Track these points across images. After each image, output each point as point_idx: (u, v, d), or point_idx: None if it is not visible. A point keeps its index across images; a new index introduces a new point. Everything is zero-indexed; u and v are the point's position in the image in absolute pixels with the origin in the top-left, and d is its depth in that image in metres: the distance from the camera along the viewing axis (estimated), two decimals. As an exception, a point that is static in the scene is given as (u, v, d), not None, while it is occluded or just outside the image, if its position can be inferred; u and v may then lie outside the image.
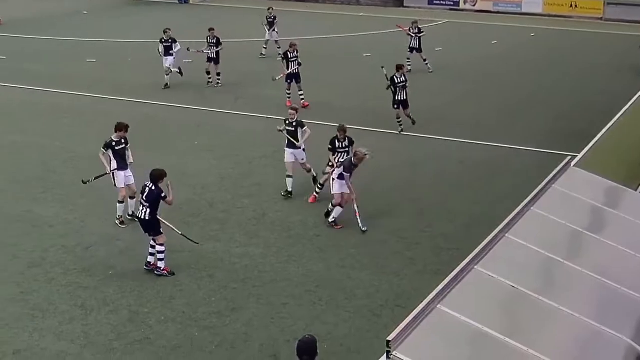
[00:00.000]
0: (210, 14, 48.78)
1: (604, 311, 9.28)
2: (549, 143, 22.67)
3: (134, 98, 27.88)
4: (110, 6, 52.18)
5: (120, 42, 38.82)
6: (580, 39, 41.23)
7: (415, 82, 30.51)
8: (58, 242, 16.38)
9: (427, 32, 42.62)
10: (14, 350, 12.50)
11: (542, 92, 29.43)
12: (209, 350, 12.64)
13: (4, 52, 35.19)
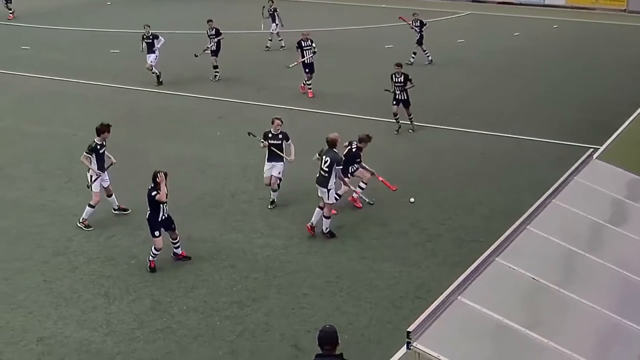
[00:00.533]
0: (229, 5, 48.77)
1: (624, 304, 9.24)
2: (571, 135, 22.53)
3: (157, 89, 27.96)
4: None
5: (142, 31, 38.87)
6: (604, 31, 40.90)
7: (438, 74, 30.61)
8: (81, 232, 16.47)
9: (449, 23, 42.83)
10: (38, 338, 12.60)
11: (564, 84, 29.23)
12: (230, 339, 12.68)
13: (29, 43, 35.35)
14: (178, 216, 17.05)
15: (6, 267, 15.00)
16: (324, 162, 15.98)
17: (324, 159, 16.02)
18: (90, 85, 28.40)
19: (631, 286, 9.63)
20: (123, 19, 42.88)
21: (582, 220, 11.00)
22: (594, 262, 10.02)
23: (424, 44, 32.43)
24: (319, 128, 21.28)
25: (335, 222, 17.01)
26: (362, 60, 32.91)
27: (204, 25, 31.54)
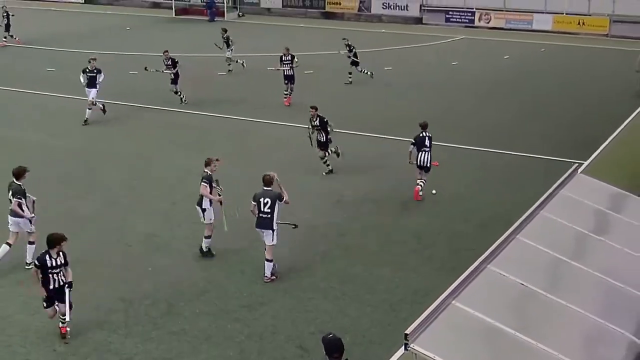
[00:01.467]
0: (242, 30, 48.90)
1: (608, 308, 9.23)
2: (557, 151, 22.55)
3: (172, 107, 27.99)
4: (151, 23, 52.51)
5: (161, 55, 39.02)
6: (588, 54, 41.04)
7: (434, 94, 30.63)
8: (101, 239, 16.45)
9: (444, 47, 42.98)
10: (60, 339, 12.57)
11: (551, 103, 29.32)
12: (239, 340, 12.65)
13: (54, 65, 35.48)
14: (192, 225, 17.12)
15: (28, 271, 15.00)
16: (264, 204, 14.46)
17: (263, 202, 14.47)
18: (110, 104, 28.40)
19: (614, 292, 9.62)
20: (141, 42, 43.11)
21: (568, 231, 11.01)
22: (579, 269, 10.02)
23: (360, 64, 32.91)
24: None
25: (339, 230, 17.03)
26: (364, 81, 32.95)
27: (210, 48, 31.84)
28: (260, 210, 14.51)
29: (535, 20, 49.51)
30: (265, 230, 14.58)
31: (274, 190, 14.68)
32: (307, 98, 29.33)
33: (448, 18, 51.62)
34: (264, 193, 14.58)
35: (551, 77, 34.50)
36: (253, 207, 14.66)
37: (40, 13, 57.00)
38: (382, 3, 54.72)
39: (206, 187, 15.53)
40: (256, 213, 14.60)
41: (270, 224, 14.51)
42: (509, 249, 9.82)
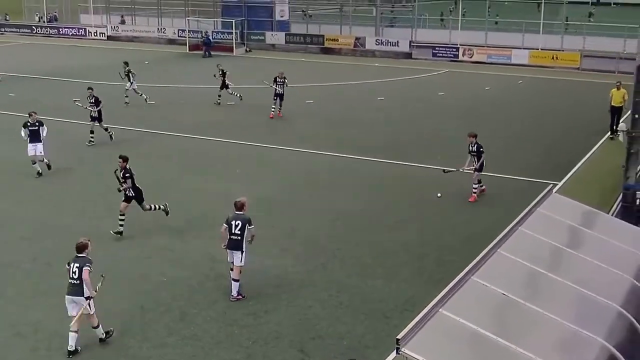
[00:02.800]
0: (250, 63, 49.23)
1: (581, 316, 9.21)
2: (534, 173, 22.61)
3: (186, 133, 28.04)
4: (167, 58, 52.78)
5: (176, 87, 39.22)
6: (561, 85, 41.17)
7: (422, 121, 30.71)
8: (122, 254, 16.47)
9: (431, 79, 43.12)
10: (83, 345, 12.52)
11: (528, 129, 29.41)
12: (246, 345, 12.62)
13: (79, 96, 35.47)
14: (205, 240, 17.13)
15: (54, 282, 14.98)
16: (235, 226, 14.12)
17: (234, 224, 14.14)
18: (128, 131, 28.51)
19: (586, 301, 9.61)
20: (158, 75, 43.23)
21: (544, 245, 11.00)
22: (554, 280, 10.01)
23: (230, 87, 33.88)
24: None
25: (335, 244, 17.03)
26: (359, 109, 33.08)
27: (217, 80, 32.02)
28: (231, 232, 14.15)
29: (514, 55, 49.77)
30: (235, 251, 14.21)
31: (246, 215, 14.31)
32: (308, 125, 29.52)
33: (435, 53, 51.84)
34: (235, 216, 14.25)
35: (528, 106, 34.59)
36: (224, 229, 14.26)
37: (66, 48, 57.27)
38: (376, 40, 55.11)
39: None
40: (227, 235, 14.26)
41: (240, 245, 14.17)
42: (491, 262, 9.80)
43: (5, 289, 14.67)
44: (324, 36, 56.88)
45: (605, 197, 19.40)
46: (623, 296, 10.02)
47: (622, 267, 10.86)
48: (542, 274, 10.10)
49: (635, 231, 13.38)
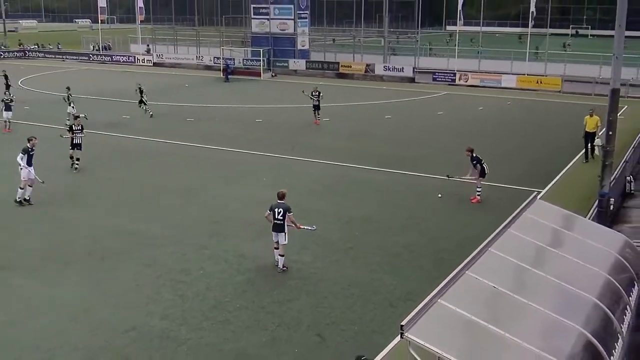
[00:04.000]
0: (275, 86, 49.43)
1: (562, 306, 9.20)
2: (522, 182, 22.51)
3: (219, 146, 28.14)
4: (204, 82, 53.02)
5: (211, 106, 39.42)
6: (544, 106, 41.02)
7: (423, 137, 30.69)
8: (162, 250, 16.53)
9: (431, 100, 43.04)
10: (130, 327, 12.63)
11: (516, 145, 29.31)
12: (271, 329, 12.66)
13: (129, 114, 35.83)
14: (235, 239, 17.19)
15: (107, 275, 15.10)
16: (277, 212, 14.88)
17: (277, 211, 14.89)
18: (167, 144, 28.68)
19: (566, 293, 9.59)
20: (195, 96, 43.48)
21: (529, 245, 10.98)
22: (538, 275, 9.99)
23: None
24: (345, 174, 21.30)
25: (349, 244, 17.03)
26: (369, 125, 33.11)
27: (255, 101, 31.89)
28: (274, 217, 14.96)
29: (503, 79, 49.66)
30: (279, 233, 15.02)
31: (286, 203, 15.08)
32: (325, 140, 29.58)
33: (435, 77, 51.79)
34: (277, 205, 15.05)
35: (516, 124, 34.51)
36: (268, 214, 15.09)
37: (118, 73, 57.69)
38: (384, 66, 55.18)
39: None
40: (271, 220, 15.03)
41: (282, 227, 14.97)
42: (483, 259, 9.80)
43: (64, 281, 14.80)
44: (339, 63, 56.99)
45: (583, 203, 19.28)
46: (598, 289, 10.00)
47: (597, 264, 10.84)
48: (528, 270, 10.10)
49: (609, 233, 13.35)
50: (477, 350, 7.96)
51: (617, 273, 10.91)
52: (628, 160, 22.60)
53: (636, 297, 11.12)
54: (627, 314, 10.14)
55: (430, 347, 7.41)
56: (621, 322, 9.68)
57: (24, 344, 12.03)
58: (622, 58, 17.53)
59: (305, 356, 11.81)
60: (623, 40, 17.23)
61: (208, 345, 12.08)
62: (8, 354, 11.70)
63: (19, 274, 15.09)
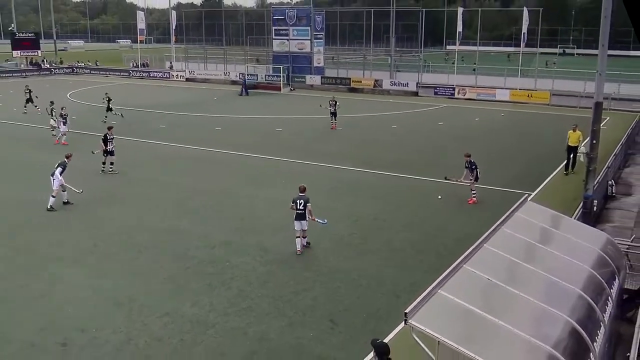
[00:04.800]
0: (294, 99, 49.47)
1: (549, 296, 9.14)
2: (514, 184, 22.42)
3: (244, 152, 28.20)
4: (231, 95, 53.13)
5: (236, 117, 39.55)
6: (534, 117, 40.77)
7: (425, 143, 30.58)
8: (193, 244, 16.59)
9: (432, 112, 42.90)
10: (163, 313, 12.69)
11: (509, 150, 29.18)
12: (289, 315, 12.67)
13: (165, 123, 36.04)
14: (257, 236, 17.20)
15: (143, 266, 15.18)
16: (299, 203, 15.57)
17: (298, 202, 15.58)
18: (200, 150, 28.78)
19: (553, 285, 9.52)
20: (223, 108, 43.65)
21: (520, 241, 10.92)
22: (528, 268, 9.94)
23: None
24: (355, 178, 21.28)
25: (360, 240, 17.00)
26: (376, 134, 33.07)
27: (277, 111, 31.87)
28: (297, 208, 15.67)
29: (497, 93, 49.46)
30: (302, 221, 15.74)
31: (306, 195, 15.82)
32: (337, 146, 29.56)
33: (436, 92, 51.67)
34: (299, 197, 15.78)
35: (509, 133, 34.33)
36: (292, 206, 15.77)
37: (155, 88, 58.07)
38: (390, 81, 55.12)
39: None
40: (295, 209, 15.72)
41: (304, 216, 15.69)
42: (479, 254, 9.75)
43: (105, 272, 14.89)
44: (350, 78, 57.02)
45: (569, 204, 19.15)
46: (583, 282, 9.92)
47: (582, 260, 10.76)
48: (519, 264, 10.03)
49: (592, 231, 13.25)
50: (473, 336, 7.91)
51: (599, 267, 10.82)
52: (610, 166, 22.42)
53: (617, 289, 11.03)
54: (608, 304, 10.06)
55: (431, 333, 7.39)
56: (603, 312, 9.60)
57: (71, 327, 12.13)
58: (605, 75, 17.42)
59: (319, 339, 11.81)
60: (606, 59, 17.11)
61: (233, 329, 12.11)
62: (58, 335, 11.80)
63: (66, 265, 15.21)
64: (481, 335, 7.92)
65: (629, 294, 12.44)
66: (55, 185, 19.48)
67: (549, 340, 7.95)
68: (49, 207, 19.38)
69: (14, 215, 19.03)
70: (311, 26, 57.41)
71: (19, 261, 15.41)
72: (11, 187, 22.24)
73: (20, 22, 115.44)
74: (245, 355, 11.21)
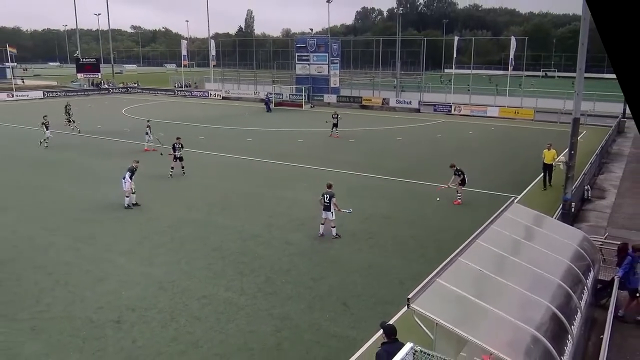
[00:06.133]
0: (313, 115, 49.46)
1: (533, 285, 9.06)
2: (502, 189, 22.23)
3: (271, 160, 28.29)
4: (259, 111, 53.34)
5: (265, 129, 39.67)
6: (521, 131, 40.43)
7: (425, 153, 30.41)
8: (227, 238, 16.66)
9: (431, 126, 42.66)
10: (202, 296, 12.73)
11: (498, 159, 28.91)
12: (308, 299, 12.65)
13: (205, 135, 36.27)
14: (282, 231, 17.22)
15: (186, 256, 15.26)
16: (325, 198, 16.34)
17: (325, 197, 16.36)
18: (234, 158, 28.91)
19: (536, 276, 9.43)
20: (253, 122, 43.79)
21: (508, 237, 10.83)
22: (515, 261, 9.86)
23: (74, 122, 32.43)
24: (362, 183, 21.22)
25: (369, 235, 16.94)
26: (383, 145, 32.98)
27: (297, 125, 31.92)
28: (323, 201, 16.38)
29: (488, 110, 49.20)
30: (327, 212, 16.41)
31: (332, 191, 16.57)
32: (350, 155, 29.52)
33: (435, 109, 51.47)
34: (326, 192, 16.52)
35: (498, 143, 34.06)
36: (320, 199, 16.54)
37: (195, 104, 58.48)
38: (396, 100, 55.06)
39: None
40: (322, 203, 16.43)
41: (329, 208, 16.34)
42: (472, 248, 9.70)
43: (154, 260, 15.01)
44: (361, 97, 56.96)
45: (550, 206, 18.93)
46: (562, 273, 9.83)
47: (561, 254, 10.66)
48: (506, 257, 9.96)
49: (570, 229, 13.11)
50: (466, 319, 7.86)
51: (577, 261, 10.70)
52: (586, 173, 22.14)
53: (592, 279, 10.89)
54: (584, 293, 9.94)
55: (430, 316, 7.35)
56: (580, 299, 9.49)
57: (123, 307, 12.23)
58: (582, 94, 17.23)
59: (334, 319, 11.78)
60: (583, 80, 16.94)
61: (261, 310, 12.13)
62: (112, 314, 11.90)
63: (120, 254, 15.36)
64: (473, 318, 7.87)
65: (602, 284, 12.30)
66: (125, 187, 19.56)
67: (533, 323, 7.88)
68: (126, 206, 19.56)
69: (80, 210, 19.28)
70: (329, 53, 57.53)
71: (85, 251, 15.60)
72: (79, 187, 22.54)
73: (83, 49, 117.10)
74: (271, 332, 11.22)
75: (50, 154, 29.63)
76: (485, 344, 7.00)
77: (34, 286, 13.22)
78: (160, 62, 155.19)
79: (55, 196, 21.22)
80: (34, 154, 29.70)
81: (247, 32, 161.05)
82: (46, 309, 12.07)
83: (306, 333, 11.25)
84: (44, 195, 21.33)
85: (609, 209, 20.18)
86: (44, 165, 27.03)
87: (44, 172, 25.53)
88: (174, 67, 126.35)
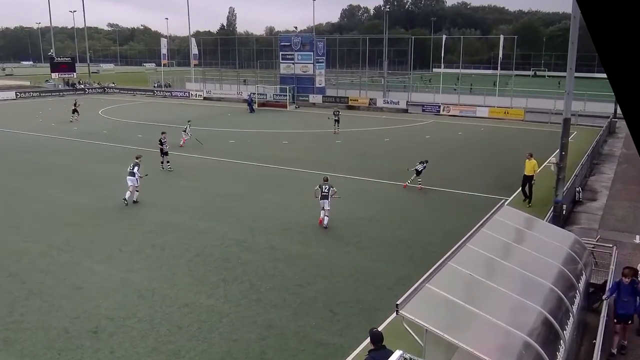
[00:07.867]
0: (298, 115, 49.47)
1: (523, 290, 9.12)
2: (492, 191, 22.37)
3: (255, 162, 28.24)
4: (243, 112, 53.24)
5: (248, 131, 39.56)
6: (510, 131, 40.78)
7: (414, 155, 30.55)
8: (210, 243, 16.58)
9: (420, 127, 42.87)
10: (183, 304, 12.64)
11: (488, 161, 29.13)
12: (294, 306, 12.61)
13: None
14: (267, 235, 17.16)
15: (167, 262, 15.15)
16: (325, 188, 17.90)
17: (323, 188, 17.93)
18: (218, 160, 28.80)
19: (528, 280, 9.50)
20: (236, 123, 43.66)
21: (498, 241, 10.90)
22: (505, 265, 9.92)
23: None
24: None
25: (357, 239, 16.96)
26: (371, 146, 33.06)
27: (282, 126, 31.87)
28: (322, 192, 17.90)
29: (478, 110, 49.54)
30: (326, 201, 17.82)
31: (329, 183, 18.20)
32: (337, 158, 29.55)
33: (423, 109, 51.73)
34: (324, 184, 18.16)
35: (488, 144, 34.32)
36: (317, 189, 18.10)
37: (175, 105, 58.17)
38: (383, 100, 55.24)
39: None
40: (319, 194, 17.97)
41: (328, 197, 17.84)
42: (462, 252, 9.74)
43: (133, 267, 14.87)
44: (348, 97, 57.09)
45: (541, 208, 19.11)
46: (554, 277, 9.90)
47: (553, 257, 10.74)
48: (497, 261, 10.02)
49: (562, 232, 13.23)
50: (456, 325, 7.89)
51: (568, 264, 10.80)
52: (577, 174, 22.38)
53: (584, 283, 11.00)
54: (576, 297, 10.03)
55: (419, 322, 7.37)
56: (572, 304, 9.57)
57: (101, 316, 12.10)
58: (572, 94, 17.42)
59: (320, 327, 11.76)
60: (573, 80, 17.12)
61: (244, 317, 12.07)
62: (89, 323, 11.76)
63: (99, 261, 15.20)
64: (464, 324, 7.91)
65: (594, 287, 12.42)
66: (134, 182, 20.53)
67: (524, 328, 7.93)
68: (135, 200, 20.60)
69: (56, 215, 19.05)
70: (314, 51, 57.57)
71: (61, 258, 15.40)
72: (57, 190, 22.28)
73: (58, 47, 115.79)
74: (255, 340, 11.17)
75: (26, 157, 29.27)
76: (475, 350, 7.03)
77: (7, 295, 13.03)
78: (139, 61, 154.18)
79: (30, 200, 20.96)
80: (8, 157, 29.31)
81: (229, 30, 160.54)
82: (20, 319, 11.90)
83: (292, 341, 11.21)
84: (18, 199, 21.06)
85: (600, 211, 20.42)
86: (18, 168, 26.69)
87: (18, 175, 25.20)
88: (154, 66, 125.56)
